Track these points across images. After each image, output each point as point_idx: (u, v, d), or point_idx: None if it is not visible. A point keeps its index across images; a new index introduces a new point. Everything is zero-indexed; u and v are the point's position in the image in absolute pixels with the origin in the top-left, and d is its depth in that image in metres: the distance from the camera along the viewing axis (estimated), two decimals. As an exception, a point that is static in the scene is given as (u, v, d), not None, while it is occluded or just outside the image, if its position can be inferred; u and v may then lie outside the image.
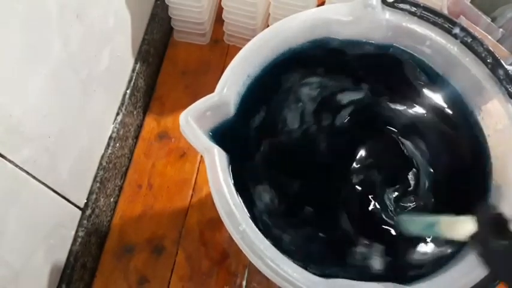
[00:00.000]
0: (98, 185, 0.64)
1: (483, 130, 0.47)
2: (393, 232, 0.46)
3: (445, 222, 0.40)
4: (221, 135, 0.45)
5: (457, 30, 0.47)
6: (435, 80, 0.50)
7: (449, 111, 0.49)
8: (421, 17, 0.48)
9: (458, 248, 0.44)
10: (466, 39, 0.47)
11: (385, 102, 0.50)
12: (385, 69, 0.51)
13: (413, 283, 0.42)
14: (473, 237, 0.35)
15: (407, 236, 0.45)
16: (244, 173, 0.46)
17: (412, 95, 0.50)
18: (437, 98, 0.50)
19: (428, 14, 0.48)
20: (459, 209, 0.38)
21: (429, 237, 0.44)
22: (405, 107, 0.50)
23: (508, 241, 0.32)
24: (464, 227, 0.36)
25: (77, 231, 0.62)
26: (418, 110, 0.50)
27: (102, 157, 0.66)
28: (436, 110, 0.49)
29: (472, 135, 0.48)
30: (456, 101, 0.49)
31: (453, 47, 0.48)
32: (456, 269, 0.42)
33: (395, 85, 0.51)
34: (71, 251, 0.61)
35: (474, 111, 0.48)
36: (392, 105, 0.50)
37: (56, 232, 0.57)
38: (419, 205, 0.47)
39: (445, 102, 0.50)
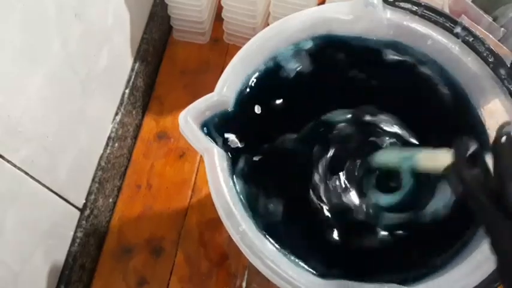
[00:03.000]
0: (96, 185, 0.64)
1: (486, 127, 0.47)
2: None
3: (423, 154, 0.41)
4: (221, 135, 0.45)
5: (458, 30, 0.47)
6: (437, 78, 0.50)
7: (452, 110, 0.49)
8: (422, 16, 0.48)
9: (458, 249, 0.44)
10: (467, 38, 0.47)
11: (385, 100, 0.50)
12: (386, 68, 0.51)
13: (414, 284, 0.42)
14: (448, 168, 0.36)
15: (378, 166, 0.46)
16: (244, 172, 0.45)
17: (414, 94, 0.50)
18: (438, 96, 0.50)
19: (430, 13, 0.48)
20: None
21: (404, 169, 0.45)
22: (406, 105, 0.50)
23: (480, 169, 0.33)
24: (441, 158, 0.37)
25: (75, 232, 0.61)
26: (419, 108, 0.50)
27: (100, 157, 0.66)
28: (437, 108, 0.49)
29: (475, 133, 0.48)
30: (458, 99, 0.49)
31: (454, 46, 0.48)
32: (456, 270, 0.42)
33: (396, 83, 0.51)
34: (69, 252, 0.61)
35: (477, 110, 0.48)
36: (394, 105, 0.50)
37: (55, 233, 0.57)
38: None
39: (447, 100, 0.49)
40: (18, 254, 0.51)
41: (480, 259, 0.41)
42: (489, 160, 0.32)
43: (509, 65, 0.45)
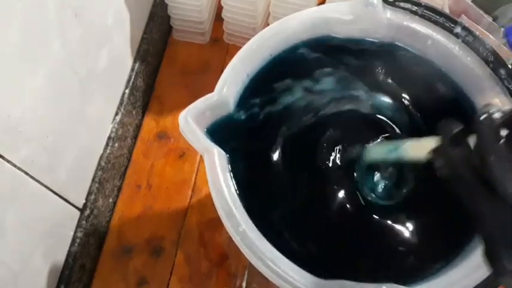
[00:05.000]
0: (96, 185, 0.64)
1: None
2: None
3: (410, 143, 0.42)
4: (221, 135, 0.45)
5: (458, 30, 0.47)
6: (436, 78, 0.50)
7: (451, 110, 0.49)
8: (422, 16, 0.48)
9: (460, 249, 0.43)
10: (467, 38, 0.47)
11: (386, 98, 0.50)
12: (387, 67, 0.51)
13: (413, 284, 0.42)
14: (435, 151, 0.37)
15: (370, 163, 0.47)
16: (244, 173, 0.45)
17: (414, 92, 0.50)
18: (438, 96, 0.50)
19: (430, 13, 0.48)
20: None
21: (392, 161, 0.45)
22: (407, 104, 0.50)
23: (464, 148, 0.33)
24: (426, 144, 0.38)
25: (75, 232, 0.61)
26: (420, 107, 0.50)
27: (100, 157, 0.66)
28: (438, 107, 0.49)
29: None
30: (458, 99, 0.49)
31: (454, 46, 0.48)
32: (455, 270, 0.42)
33: (396, 82, 0.51)
34: (69, 252, 0.61)
35: (477, 110, 0.48)
36: (394, 102, 0.50)
37: (55, 233, 0.57)
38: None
39: (447, 100, 0.49)
40: (18, 254, 0.51)
41: (480, 259, 0.41)
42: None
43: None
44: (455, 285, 0.41)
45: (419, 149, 0.40)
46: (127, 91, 0.71)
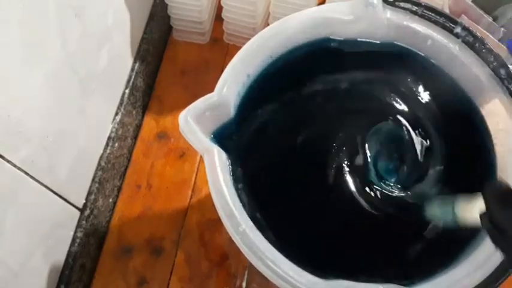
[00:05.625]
0: (96, 185, 0.64)
1: (488, 128, 0.47)
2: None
3: (461, 205, 0.41)
4: (221, 135, 0.45)
5: (458, 30, 0.47)
6: (437, 78, 0.50)
7: (452, 108, 0.49)
8: (422, 16, 0.48)
9: (460, 248, 0.44)
10: (467, 38, 0.47)
11: (387, 98, 0.50)
12: (387, 67, 0.51)
13: (414, 284, 0.42)
14: (482, 215, 0.35)
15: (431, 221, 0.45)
16: (244, 172, 0.45)
17: (415, 92, 0.50)
18: (439, 94, 0.50)
19: (430, 13, 0.48)
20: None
21: (449, 225, 0.44)
22: (407, 103, 0.50)
23: None
24: (477, 207, 0.37)
25: (75, 232, 0.61)
26: (420, 105, 0.50)
27: (101, 157, 0.66)
28: (439, 106, 0.49)
29: (476, 131, 0.48)
30: (458, 99, 0.49)
31: (454, 46, 0.48)
32: (458, 270, 0.42)
33: (397, 82, 0.51)
34: (69, 252, 0.61)
35: (477, 109, 0.48)
36: (395, 101, 0.50)
37: (55, 233, 0.57)
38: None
39: (448, 98, 0.49)
40: (18, 254, 0.51)
41: (480, 259, 0.41)
42: None
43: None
44: (456, 284, 0.41)
45: (471, 212, 0.39)
46: (127, 91, 0.71)
